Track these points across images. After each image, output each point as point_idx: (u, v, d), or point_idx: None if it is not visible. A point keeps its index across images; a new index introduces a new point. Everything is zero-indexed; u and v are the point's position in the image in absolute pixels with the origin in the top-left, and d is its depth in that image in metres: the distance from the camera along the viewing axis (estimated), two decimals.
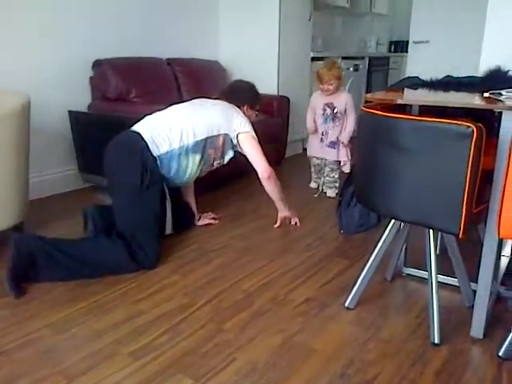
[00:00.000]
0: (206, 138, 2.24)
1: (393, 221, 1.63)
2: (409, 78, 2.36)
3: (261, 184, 2.40)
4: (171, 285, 1.93)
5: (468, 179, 1.29)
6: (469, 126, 1.26)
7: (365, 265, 1.72)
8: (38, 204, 2.84)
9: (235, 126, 2.34)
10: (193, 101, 2.49)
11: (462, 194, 1.30)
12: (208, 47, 4.16)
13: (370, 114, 1.50)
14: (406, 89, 2.02)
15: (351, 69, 4.94)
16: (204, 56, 4.06)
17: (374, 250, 1.69)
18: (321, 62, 4.45)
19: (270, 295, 1.85)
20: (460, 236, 1.35)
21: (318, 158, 3.23)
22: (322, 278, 1.99)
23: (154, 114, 2.33)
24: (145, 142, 2.12)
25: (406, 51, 6.15)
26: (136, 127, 2.23)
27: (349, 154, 3.11)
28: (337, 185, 3.17)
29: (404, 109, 1.79)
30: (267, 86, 3.98)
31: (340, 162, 3.15)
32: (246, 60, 4.09)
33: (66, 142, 3.14)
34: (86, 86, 3.24)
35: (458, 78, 2.33)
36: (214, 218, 2.66)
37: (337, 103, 3.08)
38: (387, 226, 1.65)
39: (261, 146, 2.40)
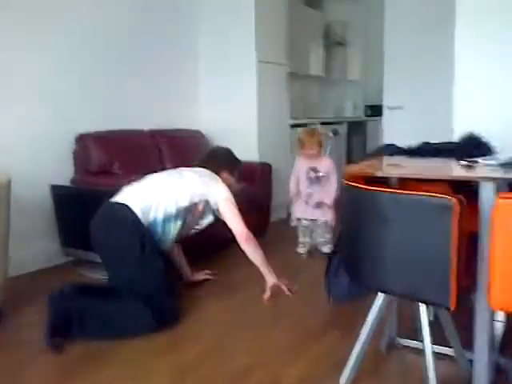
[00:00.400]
0: (187, 206, 2.34)
1: (380, 294, 1.60)
2: (386, 145, 2.43)
3: (240, 249, 2.42)
4: (156, 365, 1.84)
5: (453, 251, 1.28)
6: (449, 199, 1.28)
7: (357, 339, 1.67)
8: (17, 282, 2.74)
9: (214, 193, 2.43)
10: (170, 170, 2.61)
11: (448, 266, 1.29)
12: (189, 116, 4.26)
13: (352, 187, 1.52)
14: (384, 157, 2.08)
15: (330, 133, 5.08)
16: (185, 125, 4.14)
17: (364, 324, 1.65)
18: (300, 128, 4.60)
19: (265, 375, 1.77)
20: (451, 309, 1.33)
21: (306, 220, 3.29)
22: (316, 353, 1.93)
23: (133, 185, 2.41)
24: (134, 212, 2.21)
25: (381, 114, 6.42)
26: (121, 199, 2.30)
27: (334, 215, 3.18)
28: (330, 242, 3.22)
29: (385, 178, 1.82)
30: (248, 152, 4.04)
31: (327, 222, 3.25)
32: (227, 127, 4.17)
33: (48, 216, 3.09)
34: (69, 160, 3.25)
35: (434, 144, 2.41)
36: (211, 274, 2.75)
37: (320, 167, 3.24)
38: (375, 299, 1.62)
39: (240, 211, 2.45)
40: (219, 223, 2.50)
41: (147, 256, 2.20)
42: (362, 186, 1.45)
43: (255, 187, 3.73)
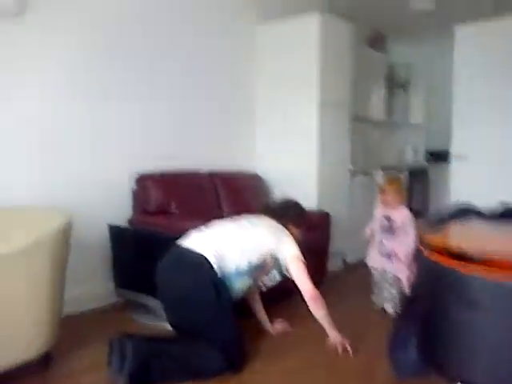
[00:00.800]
0: (259, 264, 2.32)
1: None
2: (464, 209, 2.24)
3: (307, 307, 2.37)
4: None
5: None
6: None
7: None
8: (68, 321, 2.71)
9: (284, 249, 2.39)
10: (238, 218, 2.53)
11: None
12: (247, 159, 4.20)
13: (438, 263, 1.35)
14: (463, 224, 1.90)
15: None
16: (243, 168, 4.08)
17: None
18: (359, 175, 4.45)
19: None
20: None
21: (376, 271, 3.20)
22: None
23: (203, 230, 2.39)
24: (209, 261, 2.19)
25: (445, 161, 6.14)
26: (192, 245, 2.28)
27: (406, 273, 2.99)
28: (396, 301, 3.06)
29: None
30: (306, 199, 3.92)
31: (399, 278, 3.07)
32: (285, 172, 4.08)
33: (104, 256, 3.08)
34: (127, 200, 3.25)
35: None
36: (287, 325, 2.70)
37: (394, 216, 3.11)
38: None
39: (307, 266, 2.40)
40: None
41: (222, 302, 2.18)
42: (455, 266, 1.28)
43: (314, 235, 3.58)
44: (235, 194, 3.72)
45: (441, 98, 6.20)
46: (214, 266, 2.19)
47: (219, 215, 3.55)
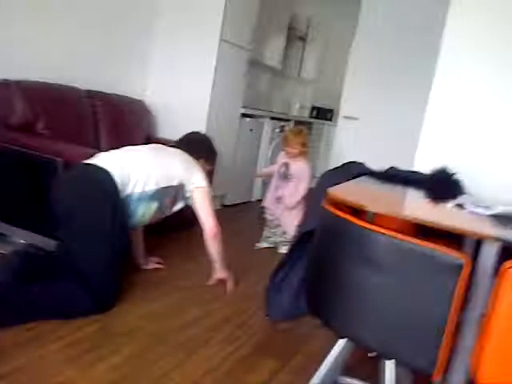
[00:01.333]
0: (166, 187, 2.23)
1: (343, 341, 1.41)
2: (352, 162, 2.27)
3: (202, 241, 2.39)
4: None
5: (452, 317, 1.12)
6: (461, 258, 1.11)
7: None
8: None
9: (194, 179, 2.36)
10: (152, 146, 2.49)
11: (443, 332, 1.13)
12: (134, 86, 3.82)
13: (337, 216, 1.30)
14: (358, 180, 1.90)
15: (277, 130, 4.89)
16: (129, 94, 3.71)
17: (318, 370, 1.45)
18: (248, 119, 4.37)
19: None
20: (434, 377, 1.17)
21: (269, 213, 3.36)
22: None
23: (112, 152, 2.25)
24: (113, 179, 2.04)
25: (328, 119, 6.36)
26: (99, 163, 2.10)
27: (291, 219, 3.12)
28: (286, 243, 3.16)
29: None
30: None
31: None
32: (175, 106, 3.82)
33: None
34: None
35: (402, 171, 2.28)
36: (158, 263, 2.62)
37: (292, 166, 3.26)
38: (335, 348, 1.43)
39: None
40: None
41: (115, 230, 2.03)
42: (353, 220, 1.24)
43: None
44: (115, 119, 3.36)
45: (334, 58, 6.33)
46: (118, 182, 2.05)
47: (95, 142, 3.21)
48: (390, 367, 1.31)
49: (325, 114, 6.47)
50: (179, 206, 2.39)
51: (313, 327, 2.25)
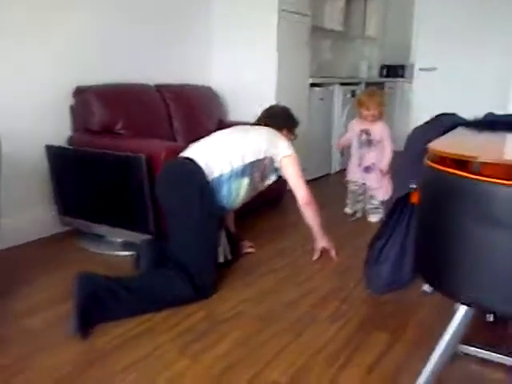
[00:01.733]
0: (253, 162, 2.25)
1: (464, 308, 1.29)
2: (442, 115, 2.08)
3: (298, 210, 2.42)
4: (179, 376, 1.54)
5: None
6: None
7: (428, 358, 1.37)
8: (13, 254, 2.42)
9: (280, 149, 2.36)
10: (235, 127, 2.54)
11: None
12: (200, 72, 3.82)
13: (446, 173, 1.17)
14: (454, 132, 1.73)
15: (349, 95, 4.68)
16: (195, 81, 3.72)
17: (439, 342, 1.34)
18: (317, 89, 4.21)
19: None
20: None
21: (355, 184, 3.25)
22: (365, 361, 1.63)
23: (201, 141, 2.34)
24: (199, 165, 2.12)
25: (401, 76, 6.00)
26: (188, 154, 2.21)
27: (387, 185, 2.99)
28: (380, 210, 3.13)
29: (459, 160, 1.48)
30: None
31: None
32: (241, 86, 3.77)
33: (44, 181, 2.73)
34: (66, 117, 2.84)
35: (502, 116, 2.06)
36: (251, 247, 2.62)
37: (373, 130, 3.11)
38: (458, 313, 1.31)
39: None
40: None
41: (204, 223, 2.09)
42: (467, 174, 1.10)
43: None
44: (187, 110, 3.37)
45: (398, 11, 5.94)
46: (204, 168, 2.11)
47: (171, 134, 3.25)
48: None
49: (396, 70, 6.09)
50: (272, 179, 2.41)
51: (418, 296, 2.13)
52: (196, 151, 2.22)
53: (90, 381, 1.51)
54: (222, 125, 3.64)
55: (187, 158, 2.18)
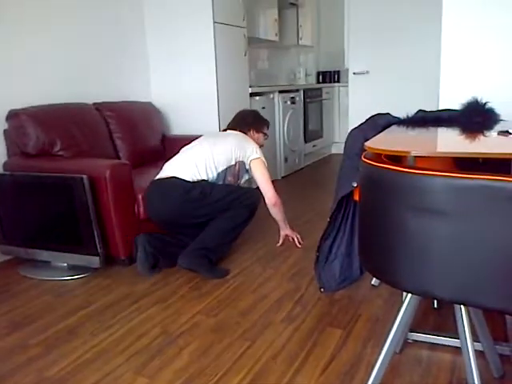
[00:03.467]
0: (226, 169, 2.52)
1: (410, 296, 1.35)
2: (378, 114, 2.18)
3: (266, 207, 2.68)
4: None
5: None
6: None
7: (380, 349, 1.42)
8: None
9: (248, 153, 2.60)
10: (204, 137, 2.69)
11: None
12: (139, 88, 3.79)
13: (383, 169, 1.23)
14: (388, 131, 1.82)
15: (288, 102, 4.79)
16: (135, 98, 3.69)
17: (389, 331, 1.40)
18: (258, 98, 4.28)
19: None
20: None
21: None
22: (320, 360, 1.67)
23: (171, 160, 2.58)
24: (184, 179, 2.43)
25: (337, 81, 6.22)
26: (168, 173, 2.48)
27: None
28: None
29: (395, 156, 1.55)
30: (207, 125, 3.69)
31: None
32: (182, 100, 3.78)
33: None
34: (0, 141, 2.73)
35: (432, 112, 2.19)
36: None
37: None
38: (404, 303, 1.37)
39: None
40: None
41: (217, 186, 2.46)
42: (403, 168, 1.16)
43: None
44: (128, 126, 3.32)
45: (330, 20, 6.17)
46: (189, 180, 2.43)
47: (114, 152, 3.19)
48: (465, 314, 1.25)
49: (332, 76, 6.32)
50: (245, 177, 2.69)
51: (368, 290, 2.21)
52: (174, 170, 2.47)
53: None
54: (166, 140, 3.64)
55: (174, 177, 2.44)
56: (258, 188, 2.67)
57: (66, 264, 2.54)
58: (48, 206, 2.43)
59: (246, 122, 2.79)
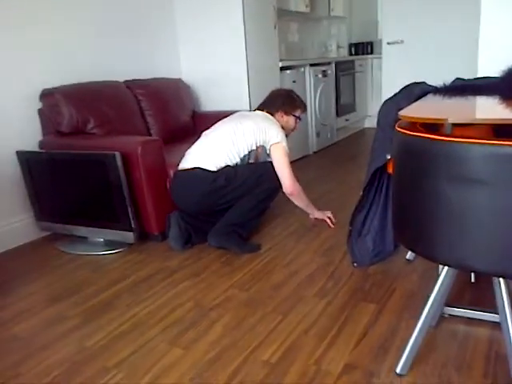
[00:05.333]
0: (247, 153, 2.47)
1: (447, 269, 1.32)
2: (411, 84, 2.10)
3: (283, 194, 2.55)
4: (171, 366, 1.54)
5: None
6: None
7: (416, 323, 1.40)
8: None
9: (269, 137, 2.49)
10: (226, 121, 2.58)
11: None
12: (169, 65, 3.78)
13: (416, 137, 1.18)
14: (424, 100, 1.74)
15: (320, 75, 4.69)
16: (165, 74, 3.69)
17: (425, 305, 1.37)
18: (289, 71, 4.20)
19: (299, 367, 1.49)
20: None
21: None
22: (353, 334, 1.66)
23: (195, 147, 2.53)
24: (209, 170, 2.40)
25: (369, 53, 6.03)
26: (190, 164, 2.44)
27: None
28: None
29: (431, 125, 1.49)
30: (238, 101, 3.66)
31: None
32: (212, 75, 3.75)
33: (18, 188, 2.68)
34: (34, 121, 2.79)
35: (470, 80, 2.09)
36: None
37: None
38: (440, 276, 1.34)
39: None
40: None
41: (240, 168, 2.43)
42: (437, 136, 1.12)
43: None
44: (159, 103, 3.34)
45: None
46: (211, 169, 2.40)
47: (145, 129, 3.22)
48: (504, 287, 1.21)
49: (365, 48, 6.13)
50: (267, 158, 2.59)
51: (402, 264, 2.17)
52: (197, 160, 2.43)
53: (84, 379, 1.51)
54: (196, 116, 3.64)
55: (199, 168, 2.40)
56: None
57: (102, 239, 2.60)
58: (83, 183, 2.48)
59: (275, 103, 2.66)
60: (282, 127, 2.61)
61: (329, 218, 2.70)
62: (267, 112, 2.63)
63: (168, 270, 2.25)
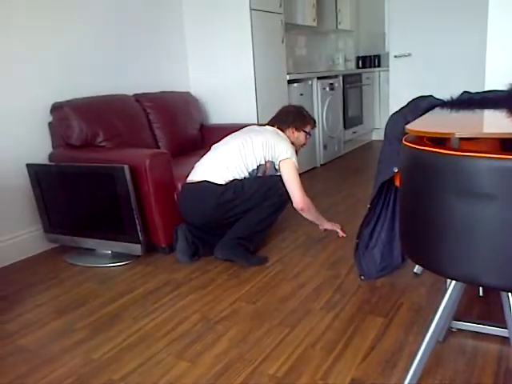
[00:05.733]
0: (256, 168, 2.48)
1: (454, 283, 1.31)
2: (420, 97, 2.10)
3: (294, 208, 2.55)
4: (177, 379, 1.54)
5: None
6: None
7: (423, 337, 1.38)
8: (1, 275, 2.40)
9: (278, 153, 2.50)
10: (235, 136, 2.57)
11: None
12: (177, 79, 3.82)
13: (424, 151, 1.19)
14: (431, 113, 1.75)
15: (327, 88, 4.72)
16: (173, 88, 3.73)
17: (432, 319, 1.36)
18: (296, 85, 4.23)
19: (306, 381, 1.48)
20: None
21: None
22: (360, 348, 1.64)
23: (204, 160, 2.54)
24: (217, 183, 2.41)
25: (376, 66, 6.06)
26: (199, 177, 2.45)
27: None
28: None
29: (439, 139, 1.49)
30: (245, 113, 3.69)
31: None
32: (220, 89, 3.79)
33: (27, 200, 2.71)
34: (45, 134, 2.83)
35: (477, 93, 2.09)
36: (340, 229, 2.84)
37: None
38: (448, 290, 1.33)
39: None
40: None
41: (248, 182, 2.42)
42: (444, 150, 1.12)
43: None
44: (167, 116, 3.37)
45: (370, 3, 6.01)
46: (225, 182, 2.42)
47: (153, 142, 3.25)
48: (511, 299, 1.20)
49: (372, 61, 6.16)
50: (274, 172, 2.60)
51: (410, 278, 2.15)
52: (206, 173, 2.44)
53: None
54: (204, 129, 3.66)
55: (207, 182, 2.41)
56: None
57: (109, 251, 2.61)
58: (92, 195, 2.50)
59: (287, 119, 2.67)
60: (292, 143, 2.63)
61: (339, 229, 2.73)
62: (278, 128, 2.64)
63: (175, 283, 2.26)
